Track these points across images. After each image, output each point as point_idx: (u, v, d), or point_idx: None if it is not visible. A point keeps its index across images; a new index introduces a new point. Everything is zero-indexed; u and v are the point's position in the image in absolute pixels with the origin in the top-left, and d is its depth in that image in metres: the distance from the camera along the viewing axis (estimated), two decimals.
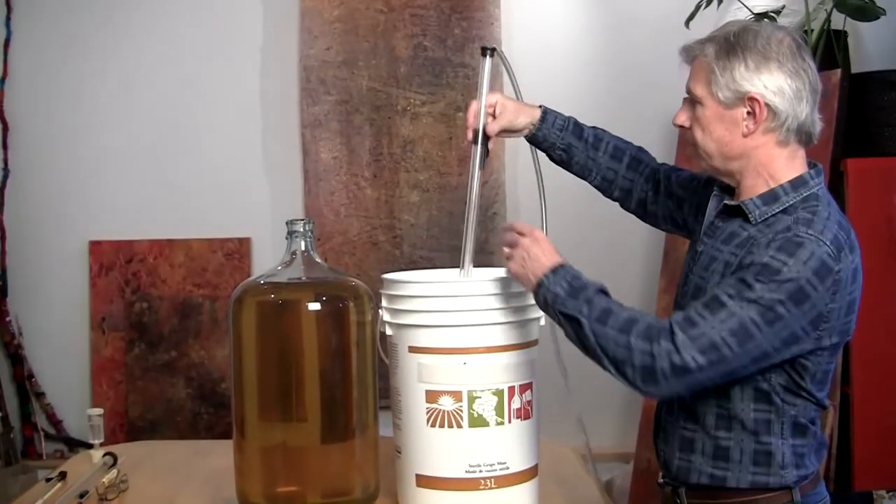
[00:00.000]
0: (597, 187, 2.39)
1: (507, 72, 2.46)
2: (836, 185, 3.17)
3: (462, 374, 2.14)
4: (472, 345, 2.14)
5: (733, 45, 1.93)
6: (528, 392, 2.21)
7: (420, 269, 2.36)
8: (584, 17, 4.20)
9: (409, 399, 2.19)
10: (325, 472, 2.25)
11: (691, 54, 2.01)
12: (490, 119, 2.36)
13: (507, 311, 2.15)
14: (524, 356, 2.19)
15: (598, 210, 3.14)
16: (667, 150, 3.70)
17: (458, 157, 4.11)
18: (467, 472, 2.16)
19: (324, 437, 2.25)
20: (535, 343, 2.23)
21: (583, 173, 2.38)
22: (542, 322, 2.25)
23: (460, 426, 2.15)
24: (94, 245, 4.23)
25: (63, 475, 2.54)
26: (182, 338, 4.17)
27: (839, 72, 3.21)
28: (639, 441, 3.83)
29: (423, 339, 2.17)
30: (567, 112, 2.42)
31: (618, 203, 2.40)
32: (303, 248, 2.29)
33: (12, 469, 4.07)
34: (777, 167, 1.96)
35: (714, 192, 2.09)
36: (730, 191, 2.06)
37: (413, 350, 2.18)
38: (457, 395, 2.15)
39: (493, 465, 2.17)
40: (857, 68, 3.48)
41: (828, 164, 3.15)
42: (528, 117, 2.37)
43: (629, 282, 4.08)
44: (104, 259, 4.22)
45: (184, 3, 4.22)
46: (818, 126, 1.99)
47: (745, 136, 1.94)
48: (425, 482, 2.19)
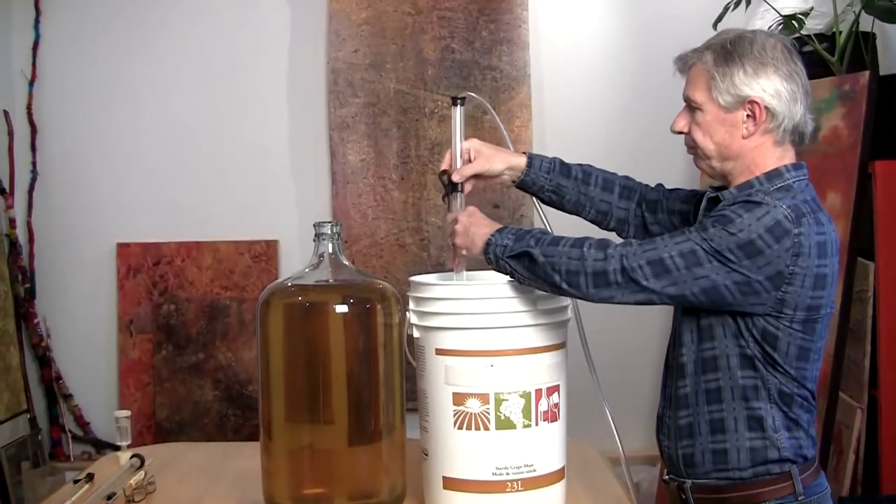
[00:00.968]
0: (592, 221, 2.46)
1: (492, 115, 2.51)
2: (865, 188, 3.15)
3: (489, 376, 2.14)
4: (499, 347, 2.14)
5: (731, 52, 2.04)
6: (556, 394, 2.20)
7: (447, 272, 2.35)
8: (611, 19, 4.19)
9: (436, 401, 2.19)
10: (351, 474, 2.25)
11: (687, 63, 2.13)
12: (465, 164, 2.36)
13: (535, 313, 2.15)
14: (552, 358, 2.19)
15: None
16: None
17: None
18: (494, 474, 2.15)
19: (351, 439, 2.25)
20: (562, 345, 2.23)
21: (576, 210, 2.44)
22: (570, 323, 2.25)
23: (487, 428, 2.15)
24: (122, 247, 4.25)
25: (90, 477, 2.54)
26: (209, 340, 4.19)
27: (867, 74, 3.19)
28: None
29: (450, 341, 2.17)
30: (596, 112, 2.44)
31: (614, 233, 2.45)
32: (330, 250, 2.29)
33: (40, 470, 4.09)
34: (767, 165, 2.06)
35: (707, 194, 2.18)
36: (723, 188, 2.16)
37: (440, 352, 2.18)
38: (484, 398, 2.14)
39: (520, 467, 2.16)
40: (885, 70, 3.45)
41: (855, 167, 3.13)
42: (505, 163, 2.40)
43: None
44: (132, 261, 4.24)
45: (212, 7, 4.24)
46: (810, 126, 2.09)
47: (744, 137, 2.05)
48: (452, 484, 2.19)
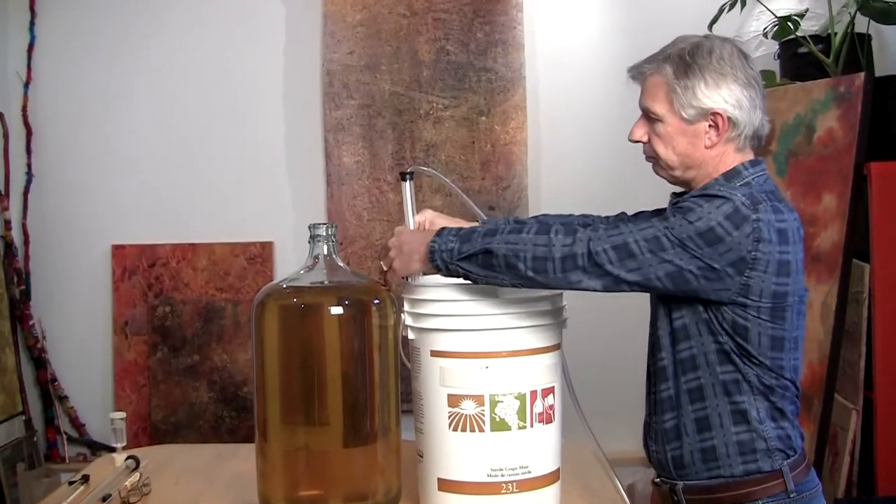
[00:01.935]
0: None
1: (443, 181, 2.52)
2: (860, 189, 3.15)
3: (484, 378, 2.14)
4: (494, 349, 2.14)
5: (690, 63, 2.05)
6: (551, 396, 2.20)
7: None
8: (606, 21, 4.20)
9: (432, 403, 2.19)
10: (347, 475, 2.25)
11: (644, 73, 2.13)
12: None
13: (530, 315, 2.14)
14: (547, 360, 2.19)
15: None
16: None
17: (480, 161, 4.11)
18: (489, 476, 2.15)
19: (346, 440, 2.25)
20: (557, 347, 2.23)
21: None
22: (566, 326, 2.25)
23: (482, 430, 2.15)
24: (117, 249, 4.25)
25: (86, 478, 2.54)
26: (205, 341, 4.19)
27: (863, 75, 3.19)
28: None
29: (445, 342, 2.17)
30: (591, 114, 2.43)
31: None
32: (325, 251, 2.29)
33: (36, 472, 4.09)
34: (727, 169, 2.09)
35: (670, 202, 2.20)
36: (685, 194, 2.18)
37: (435, 354, 2.18)
38: (479, 399, 2.14)
39: (516, 468, 2.16)
40: (880, 72, 3.45)
41: (851, 168, 3.13)
42: None
43: None
44: (127, 263, 4.24)
45: (207, 8, 4.24)
46: (766, 128, 2.12)
47: (707, 147, 2.07)
48: (447, 486, 2.19)
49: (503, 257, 2.00)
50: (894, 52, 3.86)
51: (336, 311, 2.22)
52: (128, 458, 2.66)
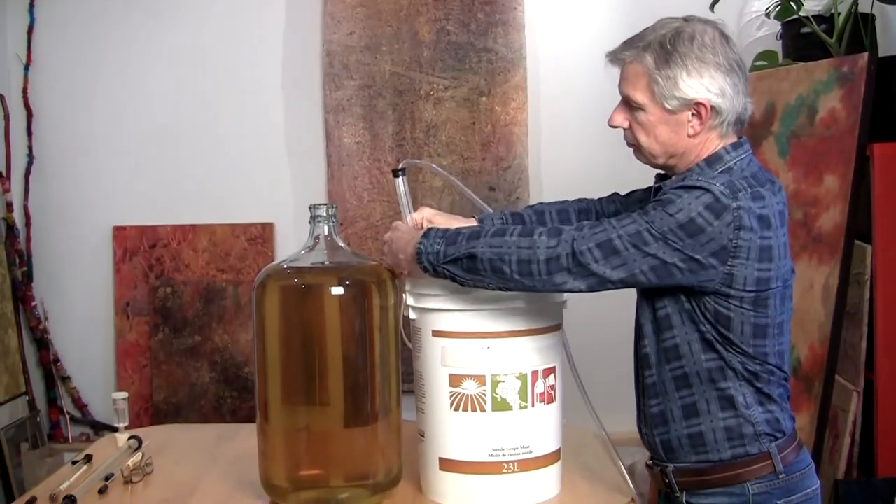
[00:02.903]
0: None
1: (438, 173, 2.51)
2: (862, 170, 3.14)
3: (485, 358, 2.14)
4: (495, 329, 2.14)
5: (671, 52, 2.02)
6: (552, 376, 2.21)
7: None
8: (607, 1, 4.18)
9: (433, 383, 2.20)
10: (348, 455, 2.25)
11: (624, 60, 2.10)
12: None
13: (531, 295, 2.15)
14: (548, 340, 2.19)
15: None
16: None
17: (480, 141, 4.10)
18: (490, 455, 2.16)
19: (347, 421, 2.25)
20: (559, 327, 2.23)
21: None
22: (566, 306, 2.25)
23: (483, 410, 2.15)
24: (118, 230, 4.25)
25: (89, 458, 2.55)
26: (206, 322, 4.19)
27: (866, 55, 3.18)
28: None
29: (446, 323, 2.17)
30: (591, 94, 2.43)
31: None
32: (326, 232, 2.29)
33: (39, 452, 4.10)
34: (709, 153, 2.08)
35: (654, 184, 2.21)
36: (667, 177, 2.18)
37: (437, 334, 2.18)
38: (480, 379, 2.15)
39: (517, 448, 2.17)
40: (884, 52, 3.44)
41: (853, 150, 3.12)
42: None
43: None
44: (128, 244, 4.24)
45: None
46: (750, 110, 2.09)
47: (691, 136, 2.06)
48: (448, 466, 2.20)
49: (488, 261, 1.99)
50: None
51: (337, 291, 2.22)
52: (130, 438, 2.67)
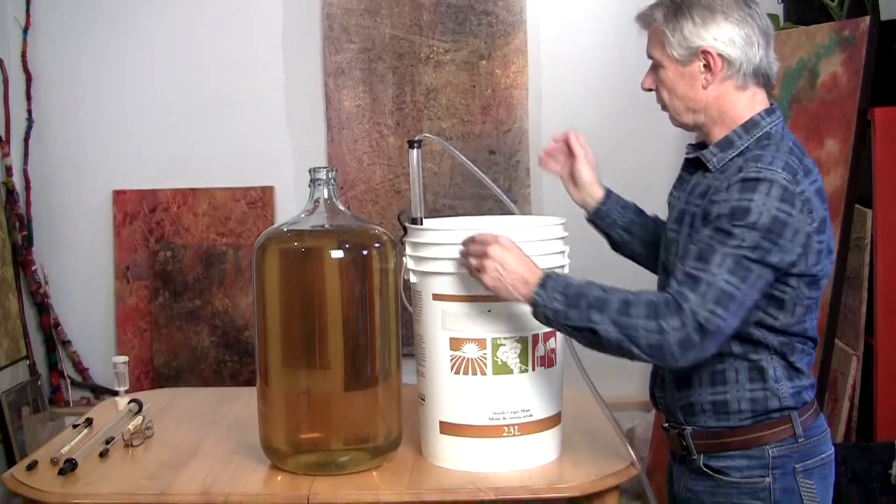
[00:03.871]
0: (649, 268, 2.40)
1: (451, 151, 2.48)
2: (863, 135, 3.13)
3: (486, 321, 2.14)
4: None
5: (679, 5, 2.03)
6: (553, 340, 2.21)
7: (443, 217, 2.35)
8: None
9: (433, 347, 2.20)
10: (348, 419, 2.26)
11: (646, 21, 2.11)
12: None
13: (532, 258, 2.14)
14: None
15: (617, 162, 3.10)
16: None
17: (481, 105, 4.09)
18: (491, 419, 2.17)
19: (347, 384, 2.26)
20: None
21: (643, 252, 2.40)
22: (567, 270, 2.25)
23: (484, 373, 2.16)
24: (118, 194, 4.24)
25: (89, 422, 2.56)
26: (206, 286, 4.19)
27: (868, 19, 3.16)
28: None
29: (447, 286, 2.17)
30: (592, 57, 2.40)
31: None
32: (326, 195, 2.28)
33: (40, 416, 4.11)
34: (738, 111, 2.06)
35: (686, 151, 2.17)
36: (702, 145, 2.14)
37: (437, 297, 2.18)
38: (481, 343, 2.15)
39: (517, 412, 2.17)
40: (886, 15, 3.42)
41: (854, 114, 3.11)
42: (591, 178, 2.39)
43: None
44: (128, 208, 4.23)
45: None
46: (775, 66, 2.07)
47: (704, 87, 2.04)
48: (449, 429, 2.20)
49: (615, 341, 1.92)
50: None
51: (337, 254, 2.22)
52: (130, 402, 2.68)
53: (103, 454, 2.34)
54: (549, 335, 2.19)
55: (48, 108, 4.26)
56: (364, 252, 2.24)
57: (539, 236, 2.20)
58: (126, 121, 4.25)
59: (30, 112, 4.23)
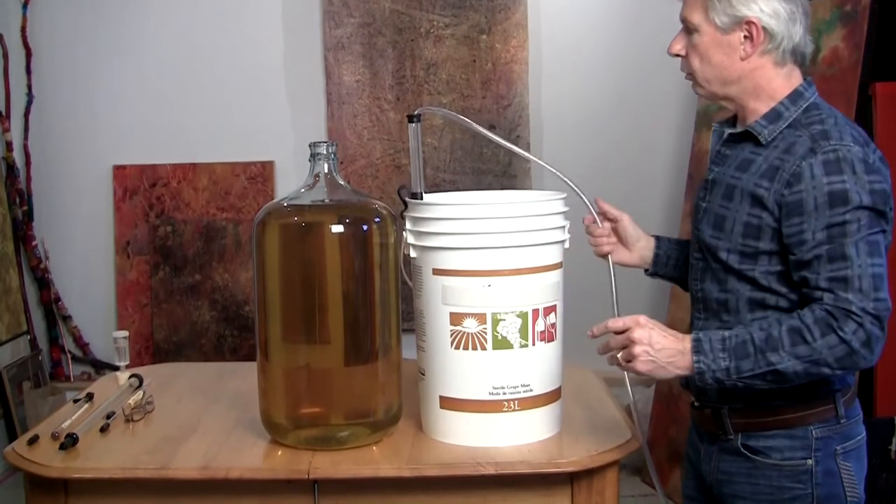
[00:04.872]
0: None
1: (457, 119, 2.45)
2: (865, 109, 3.13)
3: (486, 296, 2.14)
4: (496, 267, 2.13)
5: None
6: (553, 315, 2.21)
7: (443, 192, 2.34)
8: None
9: (434, 321, 2.20)
10: (348, 393, 2.26)
11: None
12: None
13: (532, 233, 2.14)
14: (549, 278, 2.19)
15: (618, 136, 3.10)
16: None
17: (481, 79, 4.08)
18: (491, 393, 2.16)
19: (347, 359, 2.25)
20: (559, 265, 2.22)
21: None
22: (567, 245, 2.24)
23: (484, 348, 2.15)
24: (118, 169, 4.24)
25: (90, 396, 2.56)
26: (206, 261, 4.19)
27: None
28: None
29: (447, 261, 2.16)
30: (593, 31, 2.38)
31: None
32: (326, 170, 2.27)
33: (41, 391, 4.12)
34: (776, 87, 2.02)
35: (714, 128, 2.14)
36: (730, 123, 2.12)
37: (437, 272, 2.18)
38: (481, 318, 2.15)
39: (517, 387, 2.17)
40: None
41: (856, 88, 3.11)
42: (641, 248, 2.35)
43: (651, 207, 4.06)
44: (128, 183, 4.23)
45: None
46: (810, 47, 2.04)
47: (742, 59, 2.00)
48: (449, 404, 2.20)
49: (803, 373, 1.88)
50: None
51: (337, 229, 2.21)
52: (131, 377, 2.68)
53: (104, 429, 2.34)
54: (549, 310, 2.19)
55: (48, 83, 4.25)
56: (364, 227, 2.23)
57: (540, 211, 2.19)
58: (126, 96, 4.24)
59: (30, 87, 4.22)
